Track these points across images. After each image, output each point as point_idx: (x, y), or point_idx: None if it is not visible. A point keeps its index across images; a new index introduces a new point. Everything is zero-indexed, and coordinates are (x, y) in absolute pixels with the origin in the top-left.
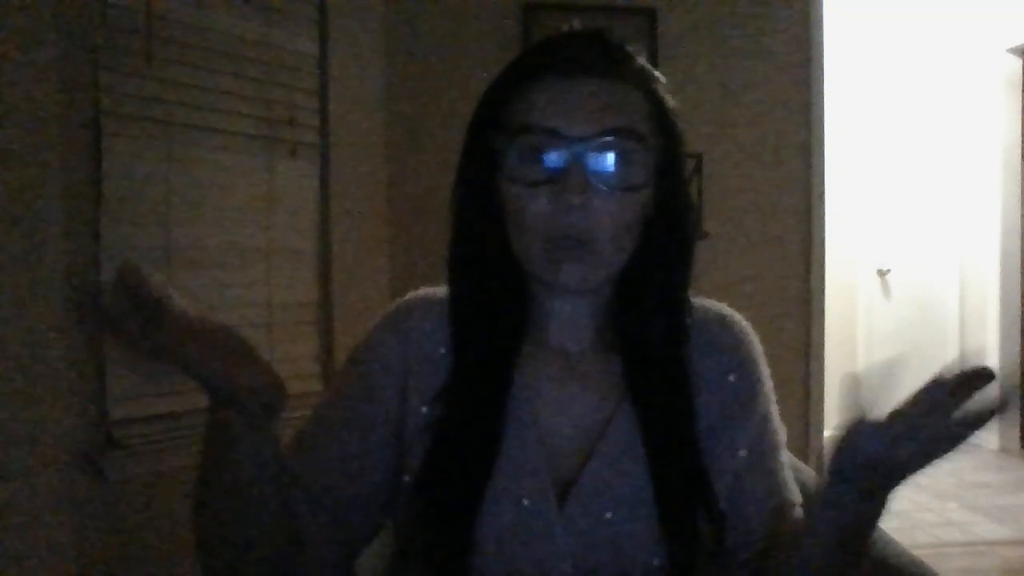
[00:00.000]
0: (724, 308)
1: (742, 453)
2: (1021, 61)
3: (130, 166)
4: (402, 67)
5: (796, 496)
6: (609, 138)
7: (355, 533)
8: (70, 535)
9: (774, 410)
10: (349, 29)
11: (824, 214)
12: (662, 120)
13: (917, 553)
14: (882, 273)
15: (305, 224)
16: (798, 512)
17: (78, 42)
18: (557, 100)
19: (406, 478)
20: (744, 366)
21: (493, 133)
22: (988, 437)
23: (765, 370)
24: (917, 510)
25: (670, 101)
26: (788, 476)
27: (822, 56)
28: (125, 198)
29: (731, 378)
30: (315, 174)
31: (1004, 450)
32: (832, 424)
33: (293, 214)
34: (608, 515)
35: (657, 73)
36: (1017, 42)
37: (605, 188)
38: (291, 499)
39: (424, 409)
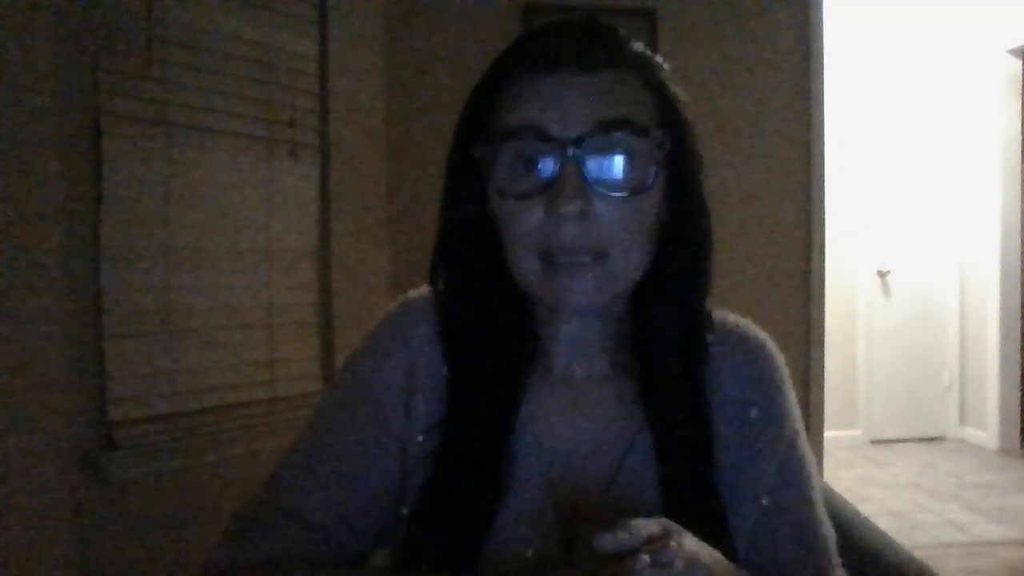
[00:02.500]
0: (748, 329)
1: (764, 502)
2: (1021, 61)
3: (130, 166)
4: (402, 67)
5: (828, 532)
6: (606, 134)
7: (347, 558)
8: (70, 535)
9: (801, 442)
10: (349, 29)
11: (824, 214)
12: (667, 110)
13: (917, 553)
14: (882, 273)
15: (305, 224)
16: (830, 555)
17: (78, 42)
18: (544, 98)
19: (404, 511)
20: (767, 399)
21: (478, 142)
22: (988, 437)
23: (790, 396)
24: (917, 510)
25: (676, 89)
26: (819, 513)
27: (822, 56)
28: (125, 198)
29: (752, 412)
30: (315, 174)
31: (1004, 450)
32: (832, 425)
33: (293, 214)
34: None
35: (659, 59)
36: (1017, 42)
37: (606, 192)
38: None
39: (420, 438)
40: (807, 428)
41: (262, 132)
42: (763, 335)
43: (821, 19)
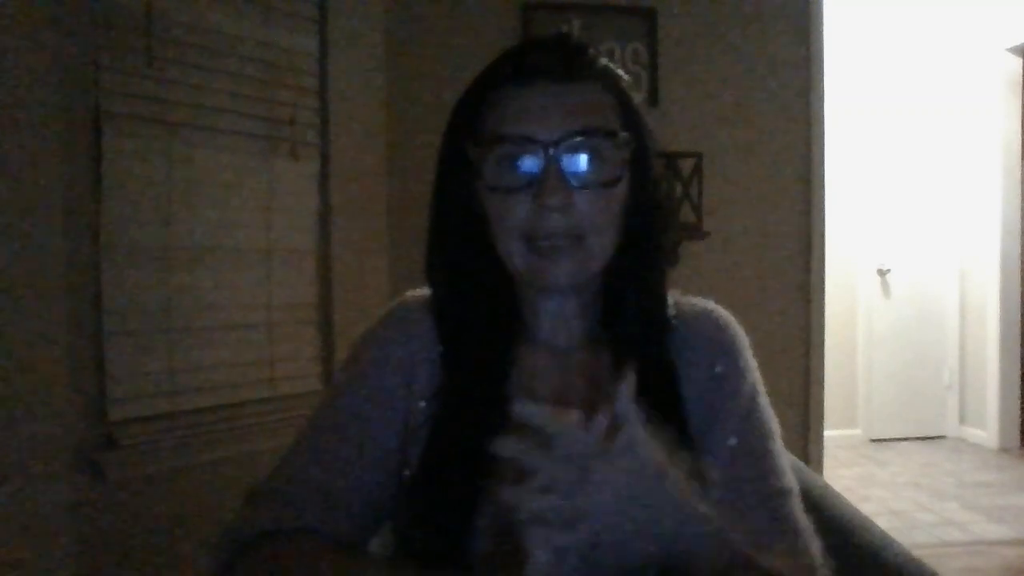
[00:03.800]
0: (708, 303)
1: (731, 442)
2: (1021, 61)
3: (130, 166)
4: (402, 67)
5: (791, 483)
6: (581, 138)
7: (356, 532)
8: (70, 535)
9: (764, 401)
10: (349, 29)
11: (824, 214)
12: (629, 115)
13: (917, 553)
14: (882, 273)
15: (305, 224)
16: (795, 501)
17: (78, 42)
18: (527, 107)
19: (406, 473)
20: (729, 356)
21: (469, 144)
22: (988, 437)
23: (751, 361)
24: (917, 510)
25: (635, 97)
26: (782, 463)
27: (822, 56)
28: (125, 198)
29: (717, 368)
30: (315, 174)
31: (1004, 450)
32: (832, 424)
33: (293, 214)
34: None
35: (620, 71)
36: (1017, 42)
37: (583, 186)
38: None
39: (422, 404)
40: (807, 427)
41: (262, 131)
42: (724, 311)
43: (821, 18)
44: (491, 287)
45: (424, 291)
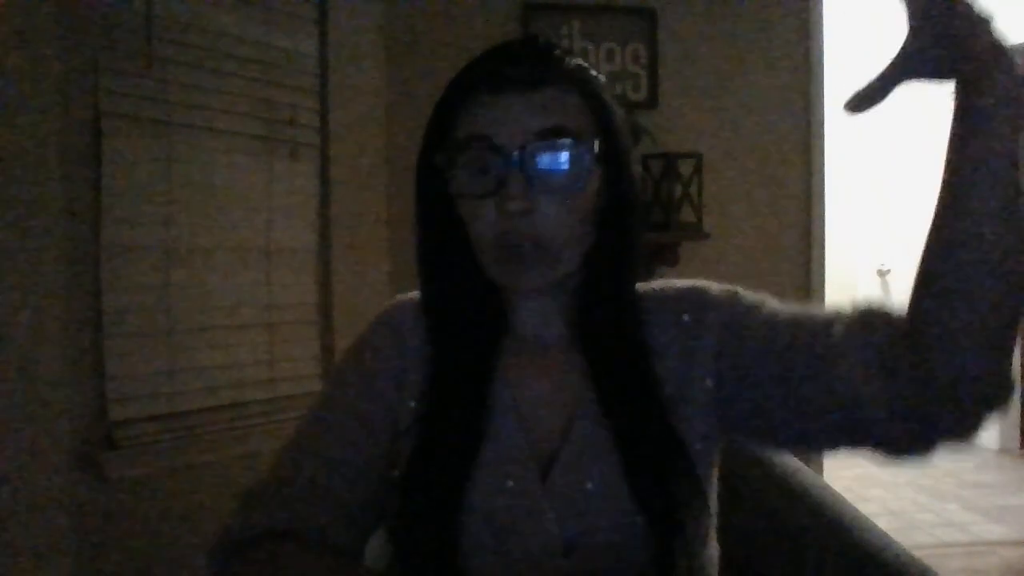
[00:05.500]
0: (669, 280)
1: (708, 383)
2: (1020, 61)
3: (130, 166)
4: (402, 67)
5: (817, 310)
6: (543, 141)
7: (352, 532)
8: (70, 535)
9: (744, 297)
10: (349, 29)
11: (824, 214)
12: (601, 116)
13: (917, 553)
14: (882, 273)
15: (305, 224)
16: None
17: (78, 42)
18: (493, 114)
19: (396, 473)
20: (693, 301)
21: (439, 153)
22: (988, 437)
23: (717, 287)
24: (917, 510)
25: (608, 97)
26: (794, 311)
27: (822, 56)
28: (125, 198)
29: (685, 318)
30: (315, 174)
31: (1004, 450)
32: None
33: (293, 214)
34: (588, 485)
35: (594, 72)
36: (1017, 42)
37: (546, 190)
38: None
39: (412, 404)
40: None
41: (262, 131)
42: (692, 281)
43: (821, 18)
44: (476, 289)
45: (417, 293)
